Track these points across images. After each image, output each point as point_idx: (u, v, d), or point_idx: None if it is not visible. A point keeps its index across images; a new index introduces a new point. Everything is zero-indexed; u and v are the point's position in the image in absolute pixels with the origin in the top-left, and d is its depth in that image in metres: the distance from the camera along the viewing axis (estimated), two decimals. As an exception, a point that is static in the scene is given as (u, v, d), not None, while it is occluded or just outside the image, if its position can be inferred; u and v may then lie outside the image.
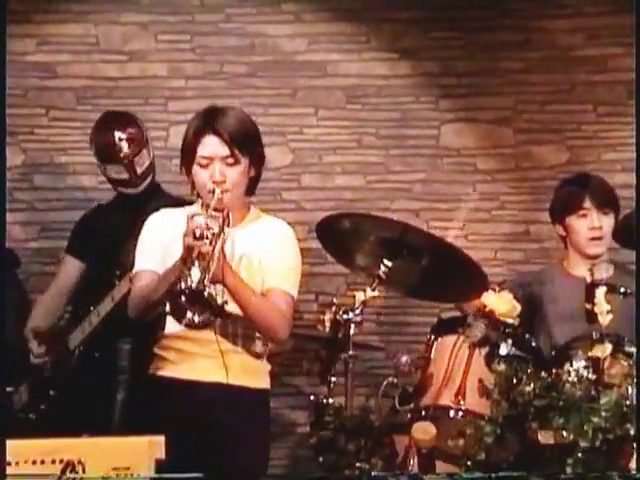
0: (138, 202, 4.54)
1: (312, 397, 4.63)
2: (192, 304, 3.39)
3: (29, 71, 5.41)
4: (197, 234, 3.41)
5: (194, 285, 3.37)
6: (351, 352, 4.53)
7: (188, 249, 3.41)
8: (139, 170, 4.66)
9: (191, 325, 3.44)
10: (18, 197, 5.43)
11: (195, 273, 3.41)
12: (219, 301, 3.42)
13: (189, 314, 3.41)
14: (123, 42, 5.45)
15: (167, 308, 3.53)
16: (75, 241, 4.83)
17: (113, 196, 4.82)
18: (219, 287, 3.47)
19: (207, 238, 3.42)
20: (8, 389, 4.68)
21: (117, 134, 4.66)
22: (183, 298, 3.39)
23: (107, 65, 5.44)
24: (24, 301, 5.03)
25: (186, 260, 3.41)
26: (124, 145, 4.66)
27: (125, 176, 4.66)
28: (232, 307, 3.55)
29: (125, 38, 5.45)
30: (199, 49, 5.45)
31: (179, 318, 3.44)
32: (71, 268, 4.79)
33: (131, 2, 5.45)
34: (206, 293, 3.37)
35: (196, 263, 3.40)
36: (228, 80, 5.41)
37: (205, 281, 3.38)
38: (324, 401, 4.57)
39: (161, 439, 3.14)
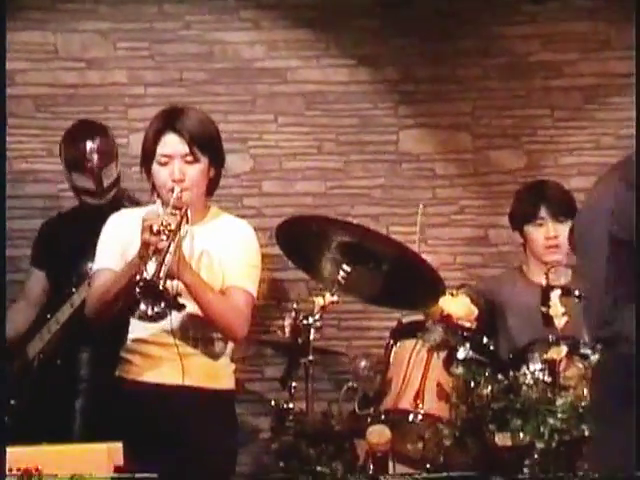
0: (101, 211, 4.50)
1: (273, 403, 4.65)
2: (146, 296, 3.39)
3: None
4: (154, 229, 3.43)
5: (148, 277, 3.38)
6: (311, 357, 4.54)
7: (145, 244, 3.44)
8: (106, 182, 4.63)
9: (144, 317, 3.44)
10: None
11: (151, 268, 3.41)
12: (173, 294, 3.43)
13: (142, 306, 3.41)
14: (82, 50, 5.42)
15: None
16: (37, 252, 4.82)
17: (75, 204, 4.81)
18: (176, 283, 3.48)
19: (164, 234, 3.43)
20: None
21: (88, 144, 4.63)
22: (137, 290, 3.39)
23: (66, 73, 5.41)
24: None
25: (143, 256, 3.44)
26: (94, 156, 4.63)
27: (92, 186, 4.63)
28: (190, 308, 3.55)
29: (84, 46, 5.42)
30: (158, 56, 5.43)
31: (132, 310, 3.45)
32: (36, 279, 4.77)
33: (90, 10, 5.41)
34: (160, 286, 3.37)
35: (153, 259, 3.42)
36: (188, 87, 5.40)
37: (160, 274, 3.38)
38: (285, 406, 4.58)
39: (119, 445, 3.15)
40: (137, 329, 3.65)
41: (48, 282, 4.74)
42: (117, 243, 3.67)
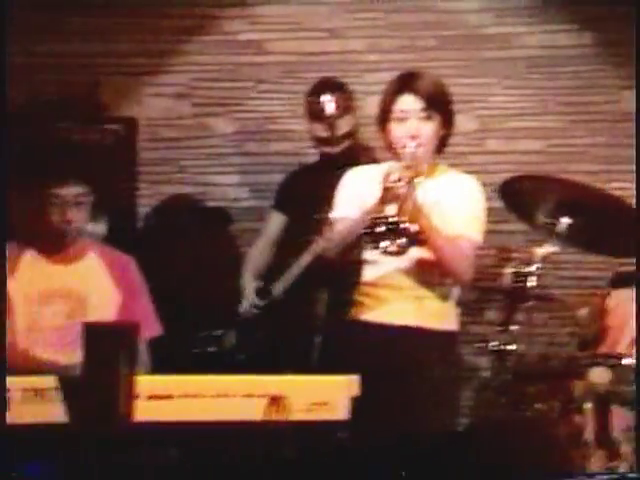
0: (337, 162, 4.54)
1: (494, 344, 4.60)
2: (387, 234, 3.40)
3: (238, 49, 5.50)
4: (394, 178, 3.45)
5: (390, 217, 3.39)
6: (531, 303, 4.48)
7: (385, 191, 3.44)
8: (340, 131, 4.73)
9: (386, 252, 3.44)
10: (231, 162, 5.54)
11: (391, 210, 3.42)
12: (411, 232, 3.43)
13: (383, 243, 3.42)
14: (325, 20, 5.47)
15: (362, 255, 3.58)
16: (280, 197, 4.91)
17: (316, 159, 4.88)
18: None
19: (402, 181, 3.44)
20: (218, 333, 4.80)
21: (326, 96, 4.75)
22: (379, 228, 3.40)
23: (310, 42, 5.47)
24: (236, 255, 5.15)
25: (382, 200, 3.44)
26: (331, 106, 4.73)
27: (327, 134, 4.72)
28: (420, 253, 3.58)
29: (326, 17, 5.47)
30: (393, 25, 5.44)
31: (375, 246, 3.46)
32: (276, 221, 4.87)
33: (333, -17, 5.49)
34: (400, 224, 3.39)
35: (391, 204, 3.42)
36: (419, 53, 5.39)
37: (400, 216, 3.40)
38: (505, 348, 4.54)
39: (356, 378, 3.17)
40: (369, 273, 3.68)
41: (288, 226, 4.83)
42: (355, 194, 3.69)
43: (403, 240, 3.41)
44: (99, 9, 5.51)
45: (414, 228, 3.45)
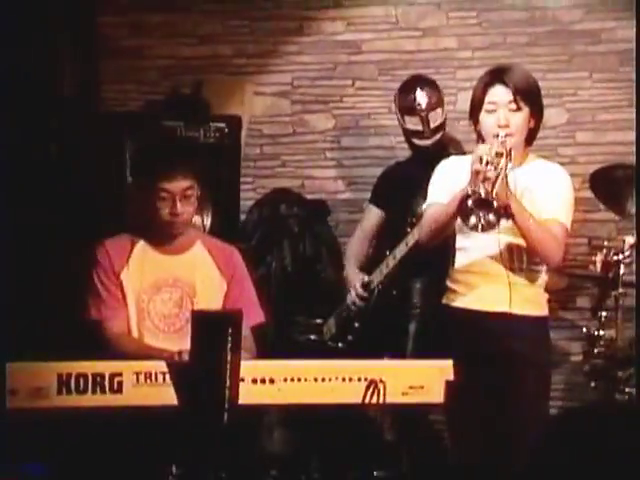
0: (429, 156, 4.54)
1: (585, 329, 4.60)
2: (478, 209, 3.39)
3: (336, 48, 5.57)
4: (484, 160, 3.44)
5: (482, 193, 3.38)
6: (621, 290, 4.47)
7: (475, 173, 3.44)
8: (432, 124, 4.75)
9: (476, 227, 3.43)
10: (329, 156, 5.61)
11: (482, 190, 3.41)
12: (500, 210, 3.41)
13: (474, 219, 3.41)
14: (419, 20, 5.50)
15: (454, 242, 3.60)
16: (377, 192, 4.92)
17: (409, 154, 4.92)
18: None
19: (492, 165, 3.44)
20: (319, 321, 4.86)
21: (418, 91, 4.77)
22: (470, 202, 3.40)
23: (405, 40, 5.50)
24: (334, 244, 5.21)
25: (473, 183, 3.44)
26: (423, 101, 4.76)
27: (419, 128, 4.75)
28: (512, 239, 3.59)
29: (421, 16, 5.50)
30: (485, 23, 5.44)
31: (465, 220, 3.44)
32: (373, 216, 4.89)
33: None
34: (491, 199, 3.38)
35: (482, 186, 3.41)
36: (511, 49, 5.38)
37: (491, 193, 3.39)
38: (596, 333, 4.53)
39: (450, 363, 3.20)
40: (461, 260, 3.71)
41: (384, 220, 4.85)
42: (446, 182, 3.71)
43: (491, 216, 3.39)
44: (204, 14, 5.63)
45: (503, 206, 3.43)
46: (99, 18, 5.58)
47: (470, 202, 3.39)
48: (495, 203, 3.38)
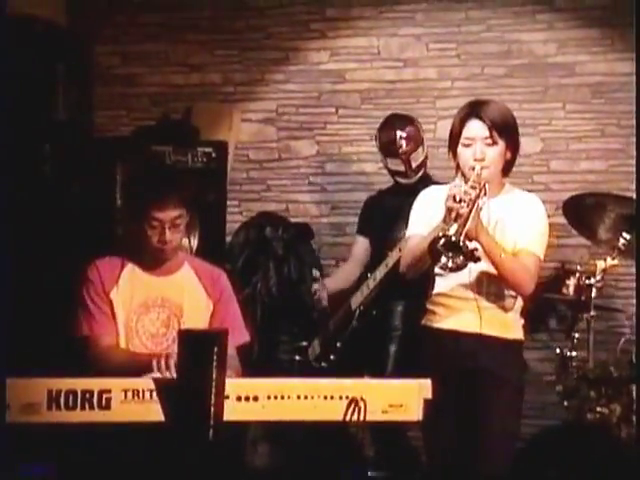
0: (411, 189, 4.54)
1: (557, 350, 4.58)
2: (448, 251, 3.38)
3: (321, 77, 5.56)
4: (457, 198, 3.43)
5: (451, 235, 3.38)
6: (592, 312, 4.45)
7: (448, 210, 3.44)
8: (414, 164, 4.72)
9: (445, 268, 3.45)
10: (313, 181, 5.59)
11: (453, 229, 3.40)
12: (470, 251, 3.41)
13: (444, 259, 3.41)
14: (400, 51, 5.51)
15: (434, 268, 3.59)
16: (362, 223, 4.91)
17: (391, 184, 4.89)
18: (473, 244, 3.46)
19: (465, 202, 3.43)
20: (304, 343, 4.83)
21: (398, 133, 4.72)
22: (440, 243, 3.38)
23: (386, 70, 5.51)
24: (318, 266, 5.18)
25: (446, 220, 3.44)
26: (403, 143, 4.71)
27: (402, 168, 4.72)
28: (485, 266, 3.57)
29: (402, 47, 5.50)
30: (463, 55, 5.46)
31: (435, 261, 3.47)
32: (360, 244, 4.88)
33: (408, 17, 5.50)
34: (460, 242, 3.37)
35: (455, 223, 3.40)
36: (488, 81, 5.41)
37: (461, 235, 3.38)
38: (568, 354, 4.51)
39: (428, 382, 3.17)
40: (440, 285, 3.69)
41: (370, 247, 4.84)
42: (425, 214, 3.70)
43: (460, 258, 3.39)
44: (194, 44, 5.62)
45: (473, 247, 3.43)
46: (93, 47, 5.57)
47: (440, 244, 3.39)
48: (464, 247, 3.37)
